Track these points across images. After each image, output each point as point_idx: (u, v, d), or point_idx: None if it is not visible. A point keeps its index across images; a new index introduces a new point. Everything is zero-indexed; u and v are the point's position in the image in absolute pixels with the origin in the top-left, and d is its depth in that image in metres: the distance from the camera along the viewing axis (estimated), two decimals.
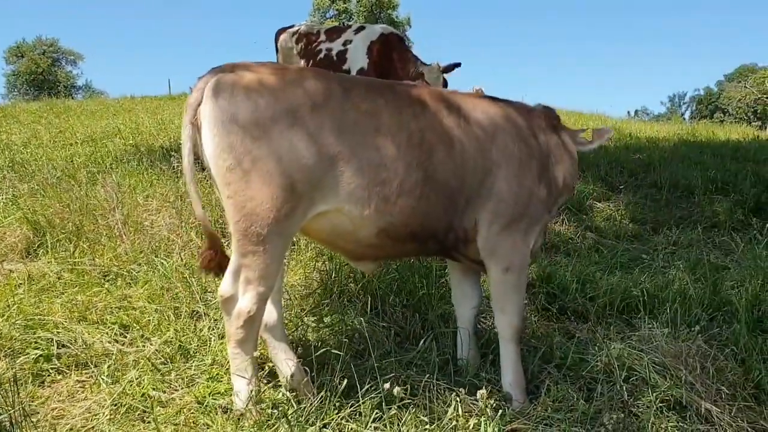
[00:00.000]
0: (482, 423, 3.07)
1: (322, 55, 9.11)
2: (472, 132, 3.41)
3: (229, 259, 3.28)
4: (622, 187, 9.03)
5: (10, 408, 3.08)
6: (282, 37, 9.82)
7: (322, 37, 9.34)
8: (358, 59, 8.78)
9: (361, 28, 9.16)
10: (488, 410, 3.11)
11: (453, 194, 3.36)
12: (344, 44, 9.00)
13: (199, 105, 3.05)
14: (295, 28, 9.75)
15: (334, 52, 9.02)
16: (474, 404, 3.34)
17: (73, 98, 41.02)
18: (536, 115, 3.75)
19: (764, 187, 8.56)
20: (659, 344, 4.03)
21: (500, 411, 3.22)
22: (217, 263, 3.33)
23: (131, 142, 11.03)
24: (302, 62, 9.38)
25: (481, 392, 3.12)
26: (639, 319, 4.59)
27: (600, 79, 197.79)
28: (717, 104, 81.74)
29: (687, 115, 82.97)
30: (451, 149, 3.33)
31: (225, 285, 3.23)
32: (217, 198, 5.33)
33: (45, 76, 61.04)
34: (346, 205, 3.18)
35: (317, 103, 3.09)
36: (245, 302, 3.14)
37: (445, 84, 8.71)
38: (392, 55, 8.79)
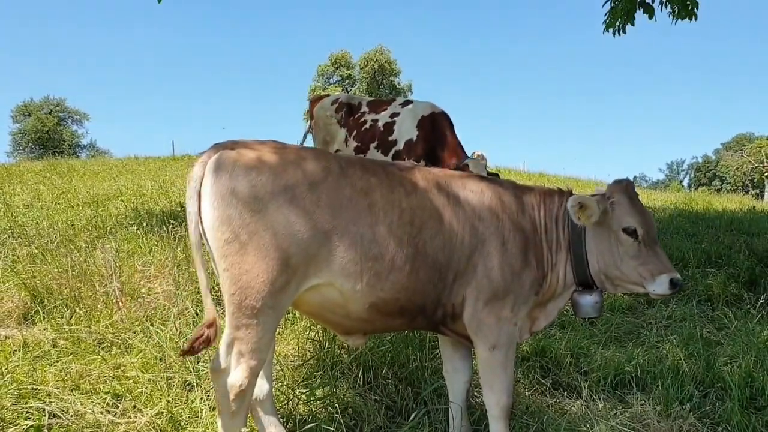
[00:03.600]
0: None
1: (367, 126, 9.11)
2: (461, 210, 3.51)
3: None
4: None
5: None
6: (320, 105, 9.80)
7: (365, 108, 9.35)
8: (407, 131, 8.70)
9: (407, 102, 9.18)
10: None
11: (442, 270, 3.43)
12: (391, 116, 8.98)
13: (201, 179, 3.16)
14: (335, 97, 9.77)
15: (380, 123, 8.99)
16: None
17: (77, 157, 41.65)
18: (529, 192, 3.83)
19: (757, 260, 8.60)
20: (650, 422, 4.03)
21: None
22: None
23: (132, 205, 11.16)
24: (343, 130, 9.37)
25: None
26: (632, 395, 4.59)
27: (598, 146, 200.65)
28: (715, 172, 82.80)
29: (686, 182, 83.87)
30: (440, 226, 3.42)
31: (218, 358, 3.25)
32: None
33: (50, 135, 61.98)
34: (339, 280, 3.24)
35: (315, 181, 3.20)
36: (237, 376, 3.16)
37: None
38: (444, 132, 8.62)
